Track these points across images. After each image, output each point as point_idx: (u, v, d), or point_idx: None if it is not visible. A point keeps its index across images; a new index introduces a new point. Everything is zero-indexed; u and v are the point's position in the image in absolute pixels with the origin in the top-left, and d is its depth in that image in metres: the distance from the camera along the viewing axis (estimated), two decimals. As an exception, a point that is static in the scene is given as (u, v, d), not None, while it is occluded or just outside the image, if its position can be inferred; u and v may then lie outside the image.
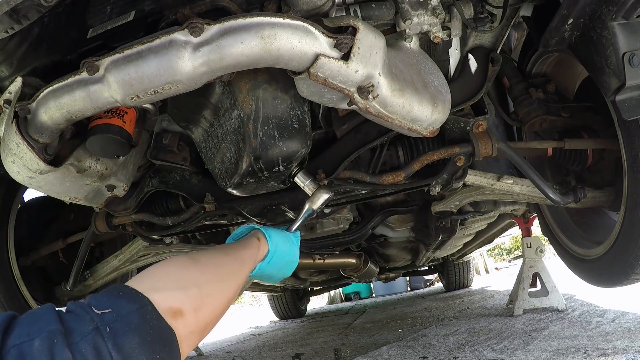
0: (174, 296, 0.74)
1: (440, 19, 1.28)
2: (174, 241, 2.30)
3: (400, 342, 2.75)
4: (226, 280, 0.90)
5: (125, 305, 0.68)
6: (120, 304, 0.67)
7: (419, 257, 3.69)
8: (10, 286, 2.02)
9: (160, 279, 0.78)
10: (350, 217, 2.30)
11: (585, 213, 2.17)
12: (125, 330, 0.64)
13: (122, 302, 0.68)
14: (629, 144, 1.61)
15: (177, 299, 0.74)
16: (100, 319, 0.64)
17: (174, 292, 0.75)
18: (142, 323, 0.67)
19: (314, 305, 9.56)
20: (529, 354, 1.86)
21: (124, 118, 1.27)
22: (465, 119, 1.63)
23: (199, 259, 0.90)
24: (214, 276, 0.87)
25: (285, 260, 1.18)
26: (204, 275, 0.85)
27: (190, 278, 0.81)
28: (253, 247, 1.07)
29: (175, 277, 0.80)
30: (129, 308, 0.67)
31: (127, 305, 0.68)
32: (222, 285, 0.88)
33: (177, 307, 0.73)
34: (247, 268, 1.01)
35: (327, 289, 7.00)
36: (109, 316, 0.64)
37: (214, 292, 0.84)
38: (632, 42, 1.29)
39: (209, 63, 1.02)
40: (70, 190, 1.40)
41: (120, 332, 0.63)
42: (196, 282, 0.81)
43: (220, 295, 0.85)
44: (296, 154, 1.32)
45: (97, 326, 0.63)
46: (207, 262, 0.91)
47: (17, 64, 1.20)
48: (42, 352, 0.57)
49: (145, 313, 0.68)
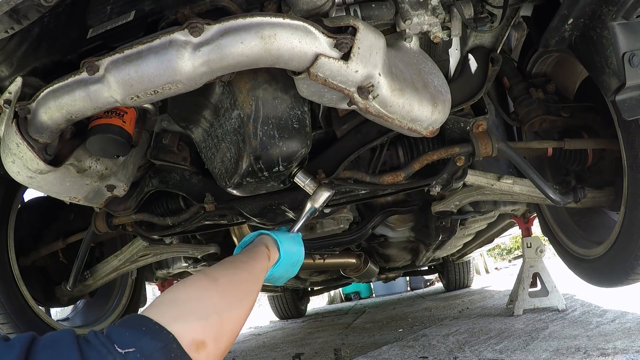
0: (197, 328, 0.73)
1: (440, 19, 1.28)
2: (174, 241, 2.30)
3: (400, 342, 2.75)
4: (244, 300, 0.90)
5: (149, 342, 0.65)
6: (143, 342, 0.65)
7: (419, 257, 3.69)
8: (10, 286, 2.02)
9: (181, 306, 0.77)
10: (350, 217, 2.30)
11: (585, 213, 2.17)
12: None
13: (146, 339, 0.66)
14: (629, 144, 1.61)
15: (200, 330, 0.73)
16: (123, 359, 0.61)
17: (197, 323, 0.74)
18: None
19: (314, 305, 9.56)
20: (529, 354, 1.86)
21: (124, 118, 1.27)
22: (465, 119, 1.63)
23: (217, 278, 0.89)
24: (233, 298, 0.87)
25: (292, 261, 1.21)
26: (224, 298, 0.84)
27: (211, 304, 0.81)
28: (264, 258, 1.09)
29: (196, 304, 0.79)
30: (153, 347, 0.65)
31: (151, 343, 0.65)
32: (241, 306, 0.88)
33: (200, 339, 0.72)
34: (261, 282, 1.02)
35: (327, 289, 7.00)
36: (132, 356, 0.62)
37: (234, 316, 0.83)
38: (632, 42, 1.29)
39: (209, 63, 1.02)
40: (70, 190, 1.40)
41: None
42: (217, 308, 0.80)
43: (239, 318, 0.86)
44: (296, 154, 1.32)
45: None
46: (225, 282, 0.90)
47: (17, 64, 1.20)
48: None
49: (170, 351, 0.66)
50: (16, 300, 2.01)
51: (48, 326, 2.14)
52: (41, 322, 2.10)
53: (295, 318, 6.55)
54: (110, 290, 2.69)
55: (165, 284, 3.29)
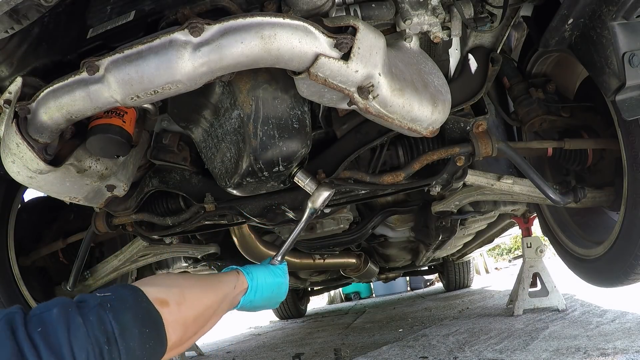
0: (161, 290, 0.93)
1: (440, 19, 1.28)
2: (174, 241, 2.30)
3: (400, 342, 2.75)
4: (205, 289, 1.07)
5: (122, 290, 0.87)
6: (118, 290, 0.86)
7: (419, 257, 3.69)
8: (10, 286, 2.02)
9: (149, 281, 0.98)
10: (350, 217, 2.30)
11: (585, 213, 2.17)
12: (122, 307, 0.81)
13: (120, 288, 0.87)
14: (629, 144, 1.61)
15: (163, 292, 0.92)
16: (102, 298, 0.81)
17: (161, 288, 0.94)
18: (135, 303, 0.85)
19: (314, 305, 9.56)
20: (529, 354, 1.86)
21: (124, 118, 1.27)
22: (465, 119, 1.63)
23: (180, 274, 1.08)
24: (194, 283, 1.05)
25: (273, 290, 1.29)
26: (186, 281, 1.05)
27: (174, 281, 1.01)
28: (231, 275, 1.21)
29: (161, 280, 1.00)
30: (126, 292, 0.86)
31: (124, 290, 0.87)
32: (201, 291, 1.04)
33: (163, 298, 0.90)
34: (225, 287, 1.15)
35: (327, 289, 7.01)
36: (109, 297, 0.82)
37: (194, 294, 1.01)
38: (632, 42, 1.29)
39: (209, 63, 1.02)
40: (70, 190, 1.40)
41: (118, 308, 0.80)
42: (179, 284, 1.00)
43: (199, 298, 1.02)
44: (296, 154, 1.32)
45: (101, 302, 0.79)
46: (188, 276, 1.12)
47: (17, 64, 1.20)
48: (60, 317, 0.73)
49: (137, 297, 0.87)
50: (16, 300, 2.01)
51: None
52: (41, 322, 2.09)
53: (295, 318, 6.55)
54: (110, 291, 2.69)
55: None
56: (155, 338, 0.84)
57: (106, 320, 0.76)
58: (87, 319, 0.75)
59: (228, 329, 6.21)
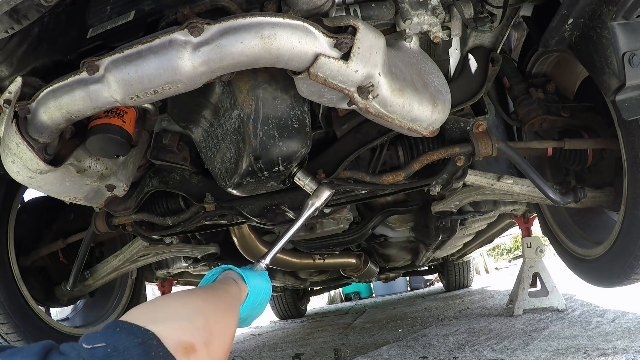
0: (181, 327, 0.63)
1: (440, 19, 1.28)
2: (174, 241, 2.30)
3: (400, 342, 2.75)
4: (228, 310, 0.80)
5: (123, 337, 0.57)
6: (116, 337, 0.57)
7: (419, 257, 3.69)
8: (10, 286, 2.02)
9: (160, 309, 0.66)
10: (350, 217, 2.30)
11: (585, 213, 2.17)
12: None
13: (120, 335, 0.57)
14: (629, 144, 1.61)
15: (185, 330, 0.63)
16: (89, 354, 0.53)
17: (180, 323, 0.64)
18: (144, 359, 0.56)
19: (314, 305, 9.56)
20: (529, 354, 1.86)
21: (123, 118, 1.27)
22: (465, 119, 1.63)
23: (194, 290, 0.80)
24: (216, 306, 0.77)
25: (259, 299, 1.08)
26: (207, 303, 0.74)
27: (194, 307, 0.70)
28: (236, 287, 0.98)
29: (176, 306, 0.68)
30: (129, 341, 0.56)
31: (126, 338, 0.57)
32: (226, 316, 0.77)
33: (187, 340, 0.61)
34: (238, 302, 0.94)
35: (327, 289, 7.00)
36: (100, 351, 0.54)
37: (221, 322, 0.73)
38: (632, 42, 1.29)
39: (208, 63, 1.02)
40: (70, 190, 1.40)
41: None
42: (202, 311, 0.70)
43: (227, 326, 0.74)
44: (296, 154, 1.32)
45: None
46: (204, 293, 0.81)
47: (17, 63, 1.20)
48: None
49: (149, 348, 0.57)
50: (16, 300, 2.01)
51: (48, 326, 2.14)
52: (41, 322, 2.09)
53: (295, 318, 6.55)
54: (110, 290, 2.69)
55: (165, 284, 3.29)
56: None
57: None
58: None
59: (228, 329, 6.20)
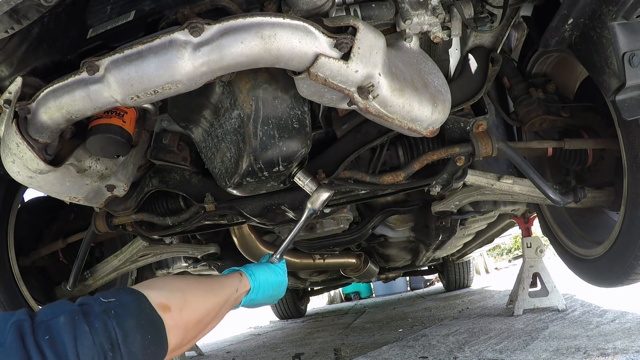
0: (163, 294, 0.94)
1: (440, 19, 1.28)
2: (174, 241, 2.30)
3: (400, 342, 2.75)
4: (207, 292, 1.08)
5: (125, 296, 0.88)
6: (121, 295, 0.87)
7: (419, 257, 3.69)
8: (10, 286, 2.02)
9: (152, 284, 0.99)
10: (350, 217, 2.30)
11: (585, 213, 2.17)
12: (125, 313, 0.83)
13: (123, 294, 0.89)
14: (629, 144, 1.61)
15: (165, 297, 0.93)
16: (106, 305, 0.83)
17: (163, 292, 0.95)
18: (138, 310, 0.86)
19: (314, 305, 9.56)
20: (529, 354, 1.86)
21: (124, 118, 1.27)
22: (465, 119, 1.63)
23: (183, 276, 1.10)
24: (196, 287, 1.06)
25: (273, 289, 1.31)
26: (188, 284, 1.05)
27: (176, 285, 1.02)
28: (234, 277, 1.22)
29: (163, 284, 1.01)
30: (129, 299, 0.87)
31: (127, 296, 0.88)
32: (203, 295, 1.06)
33: (165, 302, 0.92)
34: (227, 290, 1.16)
35: (327, 289, 7.00)
36: (113, 303, 0.84)
37: (196, 298, 1.02)
38: (632, 42, 1.29)
39: (209, 63, 1.02)
40: (70, 190, 1.40)
41: (121, 315, 0.82)
42: (181, 288, 1.01)
43: (201, 302, 1.03)
44: (296, 154, 1.32)
45: (105, 309, 0.82)
46: (189, 278, 1.14)
47: (17, 64, 1.20)
48: (66, 325, 0.75)
49: (140, 303, 0.88)
50: (16, 300, 2.01)
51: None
52: (41, 322, 2.09)
53: (295, 318, 6.55)
54: (110, 290, 2.69)
55: (165, 284, 3.28)
56: (156, 343, 0.87)
57: (110, 327, 0.79)
58: (92, 326, 0.77)
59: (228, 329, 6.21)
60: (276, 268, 1.33)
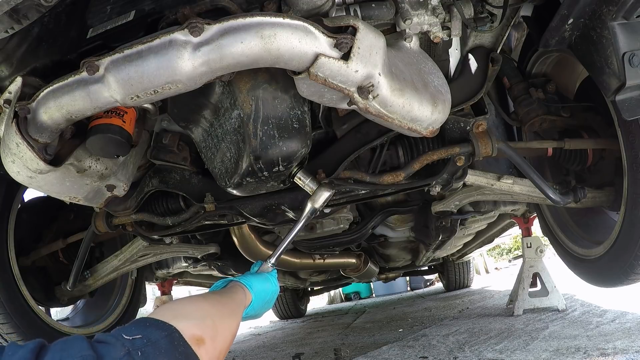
0: (195, 325, 0.81)
1: (440, 19, 1.28)
2: (174, 241, 2.30)
3: (400, 342, 2.75)
4: (231, 316, 1.00)
5: (154, 331, 0.72)
6: (149, 331, 0.72)
7: (419, 257, 3.69)
8: (10, 286, 2.02)
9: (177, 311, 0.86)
10: (350, 217, 2.30)
11: (585, 213, 2.17)
12: (156, 354, 0.68)
13: (151, 329, 0.73)
14: (629, 144, 1.61)
15: (197, 327, 0.81)
16: (131, 344, 0.67)
17: (195, 322, 0.82)
18: (171, 348, 0.71)
19: (314, 305, 9.56)
20: (529, 354, 1.86)
21: (124, 118, 1.27)
22: (465, 118, 1.63)
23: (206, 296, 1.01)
24: (222, 311, 0.97)
25: (267, 298, 1.26)
26: (214, 308, 0.94)
27: (205, 310, 0.90)
28: (241, 293, 1.17)
29: (192, 309, 0.88)
30: (158, 334, 0.72)
31: (156, 332, 0.73)
32: (229, 319, 0.97)
33: (199, 335, 0.79)
34: (241, 309, 1.12)
35: (327, 289, 7.00)
36: (139, 341, 0.68)
37: (225, 324, 0.92)
38: (632, 42, 1.29)
39: (209, 63, 1.02)
40: (70, 190, 1.40)
41: (151, 356, 0.67)
42: (210, 314, 0.89)
43: (227, 327, 0.93)
44: (296, 154, 1.32)
45: (129, 351, 0.66)
46: (213, 300, 1.01)
47: (17, 63, 1.20)
48: None
49: (173, 339, 0.74)
50: (16, 300, 2.01)
51: (48, 326, 2.14)
52: (41, 322, 2.09)
53: (295, 318, 6.55)
54: (110, 290, 2.69)
55: (165, 284, 3.29)
56: None
57: None
58: None
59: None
60: (270, 277, 1.30)
